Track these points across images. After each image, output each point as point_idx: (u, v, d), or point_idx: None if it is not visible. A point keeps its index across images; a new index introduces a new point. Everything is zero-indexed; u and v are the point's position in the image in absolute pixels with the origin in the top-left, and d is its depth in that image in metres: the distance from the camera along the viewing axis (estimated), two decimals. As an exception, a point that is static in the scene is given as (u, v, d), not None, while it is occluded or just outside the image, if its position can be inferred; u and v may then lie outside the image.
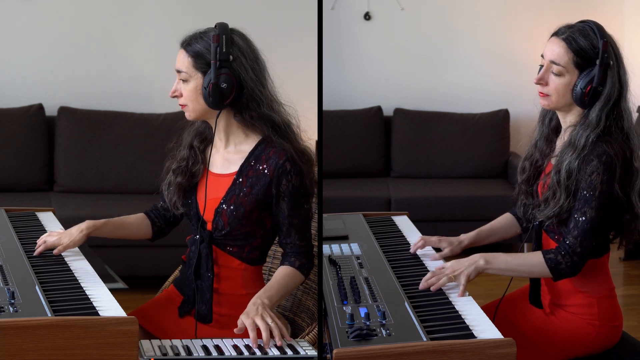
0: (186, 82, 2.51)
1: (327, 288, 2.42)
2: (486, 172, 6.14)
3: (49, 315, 2.15)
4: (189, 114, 2.54)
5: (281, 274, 2.48)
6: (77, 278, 2.45)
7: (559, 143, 2.57)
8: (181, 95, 2.52)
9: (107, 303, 2.27)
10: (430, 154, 6.15)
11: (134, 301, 3.38)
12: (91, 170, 5.43)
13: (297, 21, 5.75)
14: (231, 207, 2.50)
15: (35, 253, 2.63)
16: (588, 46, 2.42)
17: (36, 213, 3.09)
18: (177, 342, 2.26)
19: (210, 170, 2.59)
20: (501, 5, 6.34)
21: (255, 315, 2.28)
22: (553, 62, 2.46)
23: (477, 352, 2.04)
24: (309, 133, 2.62)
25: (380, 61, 6.33)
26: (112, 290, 2.38)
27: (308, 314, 2.77)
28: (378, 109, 6.21)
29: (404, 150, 6.17)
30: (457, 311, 2.27)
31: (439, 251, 2.75)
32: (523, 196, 2.63)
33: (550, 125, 2.61)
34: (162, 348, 2.23)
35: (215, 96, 2.45)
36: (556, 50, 2.45)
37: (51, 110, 5.50)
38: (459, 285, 2.40)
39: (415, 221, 3.09)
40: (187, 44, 2.51)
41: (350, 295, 2.36)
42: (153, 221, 2.75)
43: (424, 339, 2.08)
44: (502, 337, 2.09)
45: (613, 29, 2.53)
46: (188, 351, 2.22)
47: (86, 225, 2.66)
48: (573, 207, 2.42)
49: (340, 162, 6.06)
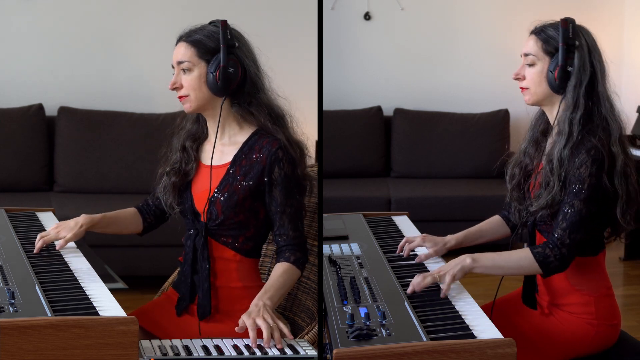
0: (189, 72, 2.51)
1: (327, 288, 2.42)
2: (486, 172, 6.14)
3: (49, 315, 2.14)
4: (190, 105, 2.53)
5: (279, 272, 2.48)
6: (77, 278, 2.45)
7: (549, 142, 2.57)
8: (181, 86, 2.52)
9: (107, 303, 2.27)
10: (430, 154, 6.16)
11: (134, 301, 3.38)
12: (91, 170, 5.43)
13: (297, 21, 5.75)
14: (225, 196, 2.52)
15: (35, 250, 2.63)
16: (555, 34, 2.51)
17: (36, 213, 3.09)
18: (177, 342, 2.27)
19: (204, 163, 2.61)
20: (501, 5, 6.34)
21: (256, 315, 2.29)
22: (526, 54, 2.56)
23: (477, 352, 2.04)
24: (309, 133, 2.63)
25: (380, 61, 6.34)
26: (112, 290, 2.38)
27: (308, 314, 2.77)
28: (378, 109, 6.21)
29: (404, 150, 6.17)
30: (457, 311, 2.27)
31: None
32: (516, 202, 2.63)
33: (539, 129, 2.63)
34: (162, 348, 2.23)
35: (223, 80, 2.47)
36: (529, 44, 2.56)
37: (51, 110, 5.50)
38: (444, 285, 2.37)
39: (415, 221, 3.09)
40: (187, 36, 2.53)
41: (350, 295, 2.36)
42: (144, 217, 2.77)
43: (424, 339, 2.08)
44: (502, 337, 2.09)
45: (613, 29, 2.54)
46: (188, 351, 2.22)
47: (83, 220, 2.67)
48: (562, 201, 2.44)
49: (340, 162, 6.06)
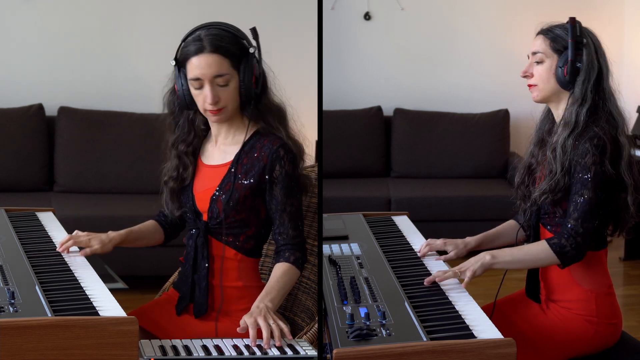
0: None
1: (327, 288, 2.42)
2: (486, 172, 6.14)
3: (49, 315, 2.14)
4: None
5: (279, 272, 2.49)
6: (77, 278, 2.45)
7: (554, 136, 2.59)
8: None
9: (107, 303, 2.27)
10: (430, 154, 6.15)
11: (134, 301, 3.38)
12: (91, 170, 5.43)
13: (297, 21, 5.75)
14: (226, 194, 2.53)
15: (59, 248, 2.63)
16: (563, 33, 2.57)
17: (36, 213, 3.09)
18: (177, 342, 2.27)
19: (206, 163, 2.62)
20: (501, 5, 6.34)
21: (257, 315, 2.30)
22: (534, 53, 2.61)
23: (477, 352, 2.04)
24: (309, 133, 2.63)
25: (380, 61, 6.33)
26: (112, 290, 2.37)
27: (308, 314, 2.77)
28: (378, 109, 6.21)
29: (404, 150, 6.17)
30: (457, 311, 2.27)
31: (444, 253, 2.75)
32: (522, 201, 2.65)
33: (544, 130, 2.66)
34: (162, 348, 2.23)
35: None
36: (536, 43, 2.61)
37: (51, 110, 5.50)
38: (465, 278, 2.43)
39: (415, 221, 3.09)
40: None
41: (350, 295, 2.36)
42: (164, 227, 2.79)
43: (424, 339, 2.08)
44: (502, 337, 2.09)
45: (613, 29, 2.56)
46: (188, 351, 2.22)
47: (113, 236, 2.67)
48: (569, 191, 2.48)
49: (340, 162, 6.06)
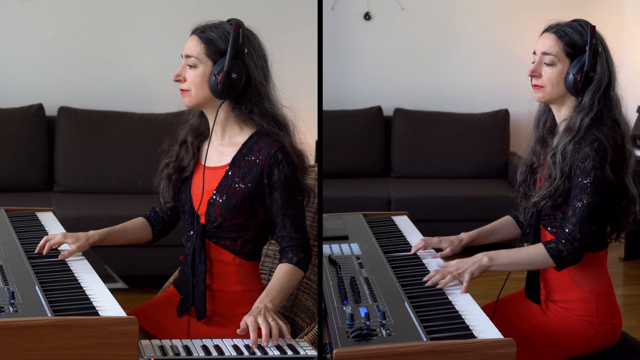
0: (194, 68, 2.50)
1: (327, 288, 2.42)
2: (486, 172, 6.14)
3: (49, 315, 2.14)
4: (189, 100, 2.53)
5: (281, 273, 2.48)
6: (77, 278, 2.45)
7: (555, 140, 2.58)
8: (185, 79, 2.52)
9: (107, 303, 2.27)
10: (430, 154, 6.15)
11: (134, 301, 3.38)
12: (91, 170, 5.43)
13: (297, 21, 5.75)
14: (223, 198, 2.51)
15: (37, 250, 2.63)
16: (577, 37, 2.52)
17: (36, 213, 3.09)
18: (177, 342, 2.27)
19: (203, 163, 2.59)
20: (501, 5, 6.34)
21: (257, 315, 2.29)
22: (545, 53, 2.54)
23: (477, 352, 2.04)
24: (309, 133, 2.62)
25: (380, 61, 6.33)
26: (112, 290, 2.37)
27: (308, 314, 2.77)
28: (378, 109, 6.20)
29: (404, 150, 6.17)
30: (457, 311, 2.27)
31: (440, 251, 2.76)
32: (523, 200, 2.65)
33: (545, 127, 2.65)
34: (162, 348, 2.23)
35: (223, 85, 2.46)
36: (548, 42, 2.54)
37: (51, 110, 5.50)
38: (463, 282, 2.42)
39: (415, 221, 3.09)
40: (201, 31, 2.52)
41: (350, 295, 2.36)
42: (153, 225, 2.76)
43: (424, 339, 2.08)
44: (502, 337, 2.09)
45: (613, 29, 2.57)
46: (188, 351, 2.22)
47: (92, 234, 2.67)
48: (569, 195, 2.47)
49: (340, 162, 6.06)
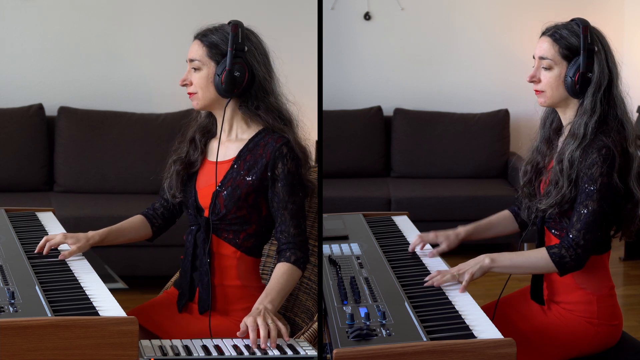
0: (198, 71, 2.57)
1: (327, 288, 2.42)
2: (486, 172, 6.14)
3: (49, 315, 2.14)
4: (197, 103, 2.60)
5: (279, 273, 2.49)
6: (77, 278, 2.45)
7: (561, 141, 2.58)
8: (191, 83, 2.59)
9: (107, 303, 2.27)
10: (430, 154, 6.15)
11: (134, 301, 3.38)
12: (91, 170, 5.43)
13: (297, 21, 5.75)
14: (228, 190, 2.54)
15: (36, 250, 2.63)
16: (573, 38, 2.50)
17: (36, 213, 3.09)
18: (177, 342, 2.27)
19: (209, 159, 2.63)
20: (501, 5, 6.34)
21: (257, 316, 2.30)
22: (542, 58, 2.53)
23: (477, 352, 2.04)
24: (309, 133, 2.64)
25: (380, 61, 6.33)
26: (112, 290, 2.38)
27: (308, 314, 2.77)
28: (378, 109, 6.21)
29: (404, 150, 6.17)
30: (457, 311, 2.27)
31: (437, 246, 2.75)
32: (526, 199, 2.64)
33: (551, 127, 2.65)
34: (162, 348, 2.23)
35: (227, 83, 2.52)
36: (544, 46, 2.53)
37: (51, 110, 5.50)
38: (463, 281, 2.42)
39: (415, 221, 3.09)
40: (203, 35, 2.59)
41: (350, 295, 2.36)
42: (152, 222, 2.77)
43: (424, 339, 2.08)
44: (502, 337, 2.09)
45: (613, 29, 2.55)
46: (188, 351, 2.22)
47: (93, 235, 2.68)
48: (575, 201, 2.45)
49: (340, 162, 6.06)
